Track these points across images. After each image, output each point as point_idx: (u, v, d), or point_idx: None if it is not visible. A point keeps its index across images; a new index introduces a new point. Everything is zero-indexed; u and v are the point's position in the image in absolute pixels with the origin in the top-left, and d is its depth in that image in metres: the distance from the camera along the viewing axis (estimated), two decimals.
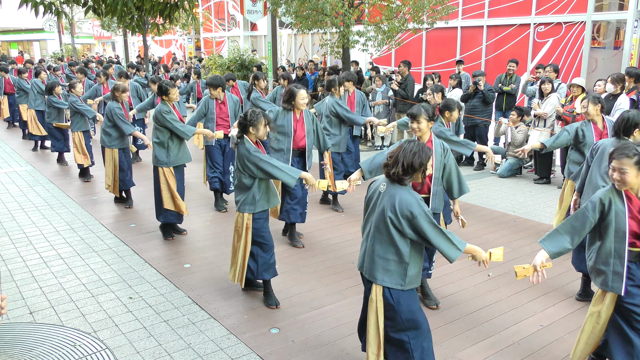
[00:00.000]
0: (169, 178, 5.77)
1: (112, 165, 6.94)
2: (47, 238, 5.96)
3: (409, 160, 2.93)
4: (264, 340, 3.88)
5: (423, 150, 2.97)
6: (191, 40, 27.09)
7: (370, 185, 3.22)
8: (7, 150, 11.09)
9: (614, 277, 3.04)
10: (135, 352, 3.73)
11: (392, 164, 2.98)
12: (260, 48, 21.44)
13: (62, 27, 30.83)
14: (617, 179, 3.00)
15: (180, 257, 5.44)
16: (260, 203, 4.25)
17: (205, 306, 4.38)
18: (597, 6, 11.75)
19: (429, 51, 15.18)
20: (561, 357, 3.68)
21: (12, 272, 5.05)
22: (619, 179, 2.99)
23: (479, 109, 9.01)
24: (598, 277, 3.14)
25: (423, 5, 10.30)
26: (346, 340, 3.86)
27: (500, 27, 13.42)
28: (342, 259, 5.33)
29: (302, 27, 10.93)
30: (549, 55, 12.52)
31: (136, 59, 22.49)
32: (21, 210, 6.96)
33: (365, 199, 3.23)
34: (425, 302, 4.37)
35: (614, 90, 6.97)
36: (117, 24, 19.08)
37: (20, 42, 41.26)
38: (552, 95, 7.76)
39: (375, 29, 10.75)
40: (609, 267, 3.06)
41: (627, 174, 2.95)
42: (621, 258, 3.02)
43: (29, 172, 9.13)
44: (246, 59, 15.74)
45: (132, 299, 4.52)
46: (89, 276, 4.97)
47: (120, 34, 24.74)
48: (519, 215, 6.74)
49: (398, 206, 2.90)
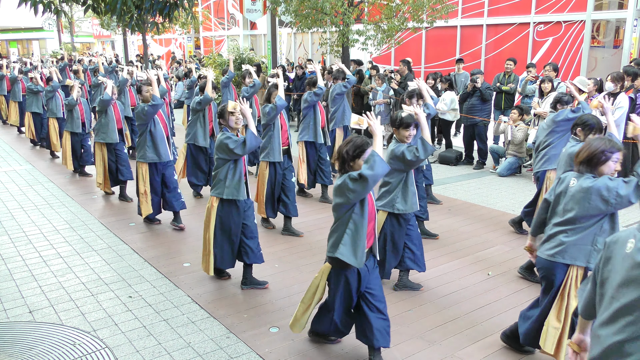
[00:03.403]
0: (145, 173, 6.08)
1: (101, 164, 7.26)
2: (46, 237, 5.95)
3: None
4: (264, 339, 3.88)
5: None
6: (191, 39, 27.05)
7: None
8: (7, 149, 11.08)
9: None
10: (134, 350, 3.73)
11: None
12: (260, 47, 21.43)
13: (61, 26, 30.79)
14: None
15: (179, 256, 5.44)
16: (228, 190, 4.47)
17: (204, 305, 4.38)
18: (596, 5, 11.75)
19: (429, 50, 15.17)
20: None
21: (12, 271, 5.05)
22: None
23: (478, 107, 9.01)
24: None
25: (423, 4, 10.29)
26: (346, 339, 3.86)
27: (499, 26, 13.42)
28: None
29: (301, 26, 10.92)
30: (549, 54, 12.52)
31: (136, 58, 22.45)
32: (20, 209, 6.96)
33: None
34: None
35: (614, 89, 6.97)
36: (116, 23, 19.05)
37: (20, 40, 41.18)
38: (552, 94, 7.75)
39: (374, 28, 10.74)
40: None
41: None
42: None
43: (28, 171, 9.13)
44: (245, 58, 15.73)
45: (131, 298, 4.52)
46: (88, 275, 4.97)
47: (119, 33, 24.68)
48: (518, 214, 6.73)
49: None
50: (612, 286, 2.03)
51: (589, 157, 3.17)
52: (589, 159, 3.17)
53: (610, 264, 2.07)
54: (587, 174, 3.20)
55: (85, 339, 3.87)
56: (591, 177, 3.18)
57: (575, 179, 3.24)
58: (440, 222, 6.44)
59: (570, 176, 3.31)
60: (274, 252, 5.48)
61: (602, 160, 3.15)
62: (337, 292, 3.45)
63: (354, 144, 3.25)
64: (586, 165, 3.19)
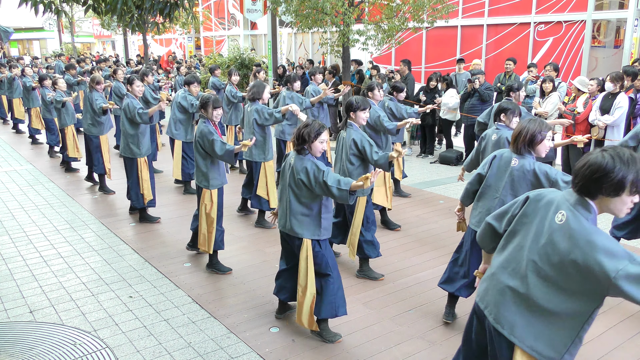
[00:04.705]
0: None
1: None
2: (47, 237, 5.96)
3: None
4: (264, 339, 3.88)
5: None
6: (191, 39, 27.07)
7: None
8: (7, 149, 11.09)
9: None
10: (135, 351, 3.73)
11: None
12: (261, 47, 21.44)
13: (62, 26, 30.80)
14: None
15: (180, 256, 5.44)
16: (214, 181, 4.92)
17: (205, 305, 4.38)
18: (597, 5, 11.74)
19: (429, 50, 15.17)
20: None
21: (12, 271, 5.06)
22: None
23: (478, 107, 9.01)
24: None
25: (423, 4, 10.28)
26: (346, 339, 3.86)
27: (500, 26, 13.41)
28: (342, 258, 5.32)
29: (302, 26, 10.91)
30: (549, 54, 12.52)
31: (136, 58, 22.46)
32: (21, 209, 6.96)
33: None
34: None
35: (613, 89, 6.97)
36: (117, 23, 19.07)
37: (20, 40, 41.19)
38: (553, 94, 7.75)
39: (375, 28, 10.73)
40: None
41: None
42: None
43: (29, 171, 9.13)
44: (246, 58, 15.74)
45: (132, 298, 4.52)
46: (89, 275, 4.97)
47: (120, 33, 24.71)
48: None
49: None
50: (525, 241, 2.30)
51: (531, 138, 3.40)
52: (530, 139, 3.40)
53: (528, 220, 2.31)
54: (526, 154, 3.47)
55: (85, 339, 3.87)
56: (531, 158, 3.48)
57: (517, 159, 3.49)
58: (441, 222, 6.44)
59: (507, 154, 3.58)
60: (274, 252, 5.48)
61: (539, 140, 3.41)
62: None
63: (313, 128, 3.66)
64: (526, 145, 3.43)
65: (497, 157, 3.64)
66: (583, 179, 2.11)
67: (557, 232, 2.15)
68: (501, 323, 2.31)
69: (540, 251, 2.21)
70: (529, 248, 2.27)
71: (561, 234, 2.13)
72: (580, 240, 2.06)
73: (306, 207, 3.70)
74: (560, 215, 2.17)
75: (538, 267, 2.20)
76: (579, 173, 2.13)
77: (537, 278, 2.21)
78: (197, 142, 4.83)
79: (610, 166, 2.03)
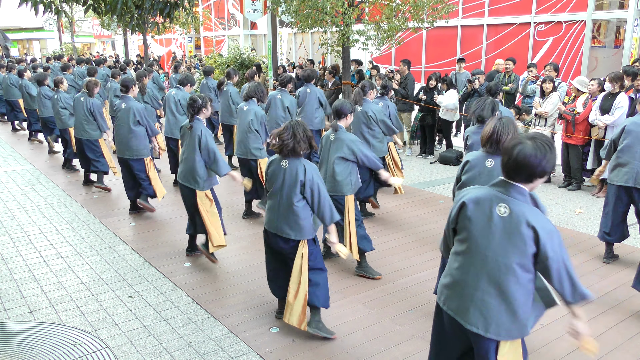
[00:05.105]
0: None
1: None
2: (47, 237, 5.96)
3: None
4: (264, 339, 3.88)
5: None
6: (191, 39, 27.08)
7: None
8: (7, 149, 11.09)
9: None
10: (135, 351, 3.73)
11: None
12: (261, 47, 21.44)
13: (62, 26, 30.81)
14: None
15: (180, 256, 5.44)
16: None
17: (205, 305, 4.38)
18: (597, 5, 11.75)
19: (429, 50, 15.18)
20: (562, 355, 3.68)
21: (12, 271, 5.06)
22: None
23: None
24: None
25: (423, 4, 10.29)
26: (346, 339, 3.86)
27: (500, 26, 13.42)
28: (342, 258, 5.32)
29: (302, 26, 10.92)
30: (549, 54, 12.52)
31: (136, 58, 22.47)
32: (21, 209, 6.96)
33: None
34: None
35: (612, 89, 6.97)
36: (117, 23, 19.06)
37: (20, 40, 41.21)
38: (553, 94, 7.76)
39: (375, 28, 10.74)
40: None
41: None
42: None
43: (29, 171, 9.13)
44: (246, 58, 15.74)
45: (132, 298, 4.52)
46: (89, 275, 4.97)
47: (120, 33, 24.70)
48: None
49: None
50: (476, 241, 2.47)
51: (498, 138, 3.50)
52: (497, 139, 3.51)
53: (469, 221, 2.48)
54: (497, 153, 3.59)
55: (85, 339, 3.87)
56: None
57: (492, 159, 3.66)
58: (441, 222, 6.44)
59: (481, 155, 3.71)
60: None
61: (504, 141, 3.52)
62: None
63: (308, 137, 3.74)
64: (496, 146, 3.54)
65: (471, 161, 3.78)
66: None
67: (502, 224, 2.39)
68: (475, 324, 2.47)
69: (499, 248, 2.41)
70: (487, 249, 2.44)
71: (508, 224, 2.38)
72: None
73: (305, 210, 3.76)
74: (502, 209, 2.39)
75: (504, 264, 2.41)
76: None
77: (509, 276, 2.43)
78: (199, 145, 4.92)
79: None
